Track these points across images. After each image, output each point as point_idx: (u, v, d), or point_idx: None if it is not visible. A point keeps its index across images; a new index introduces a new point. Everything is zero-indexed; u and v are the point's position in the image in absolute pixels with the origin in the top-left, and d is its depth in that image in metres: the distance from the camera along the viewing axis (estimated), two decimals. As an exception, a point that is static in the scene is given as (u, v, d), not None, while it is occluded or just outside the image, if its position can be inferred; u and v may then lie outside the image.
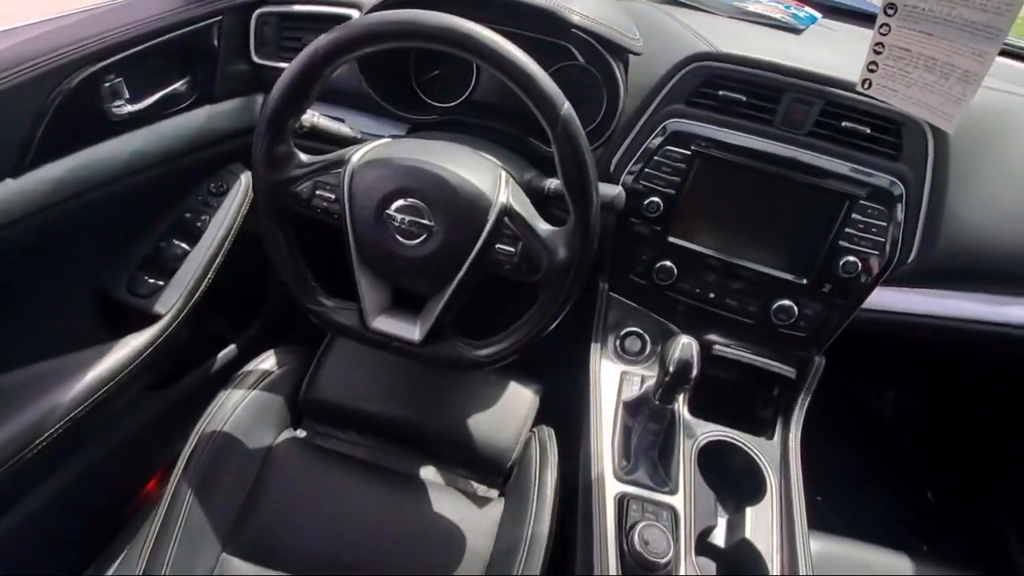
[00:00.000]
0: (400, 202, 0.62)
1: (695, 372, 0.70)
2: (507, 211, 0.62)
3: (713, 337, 0.86)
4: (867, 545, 0.85)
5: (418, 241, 0.63)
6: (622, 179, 0.82)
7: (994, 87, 0.79)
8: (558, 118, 0.56)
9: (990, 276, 0.76)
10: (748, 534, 0.70)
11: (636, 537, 0.63)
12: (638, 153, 0.81)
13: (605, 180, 0.83)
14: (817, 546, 0.82)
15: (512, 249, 0.63)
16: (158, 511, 0.77)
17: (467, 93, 0.94)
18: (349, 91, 0.91)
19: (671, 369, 0.70)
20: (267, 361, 0.95)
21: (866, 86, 0.65)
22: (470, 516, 0.82)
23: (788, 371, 0.82)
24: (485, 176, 0.64)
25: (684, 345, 0.70)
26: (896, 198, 0.73)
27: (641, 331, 0.89)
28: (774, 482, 0.76)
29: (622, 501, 0.69)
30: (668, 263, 0.83)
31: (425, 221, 0.62)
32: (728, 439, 0.80)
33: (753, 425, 0.84)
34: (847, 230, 0.75)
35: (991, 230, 0.74)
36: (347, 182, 0.64)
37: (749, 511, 0.72)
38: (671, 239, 0.82)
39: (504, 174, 0.66)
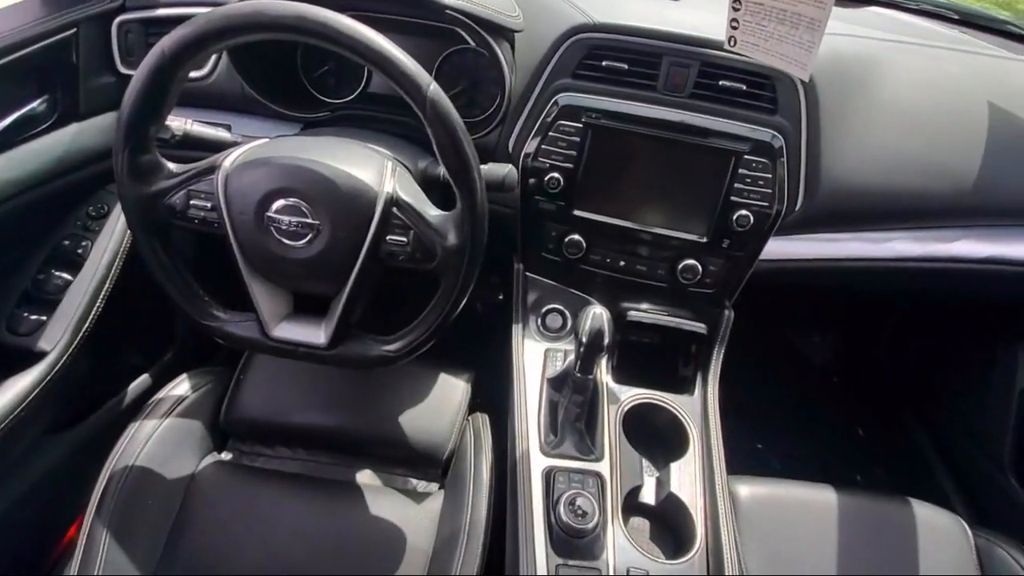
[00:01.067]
0: (280, 203, 0.60)
1: (607, 340, 0.71)
2: (395, 201, 0.61)
3: (628, 304, 0.88)
4: (793, 482, 0.89)
5: (304, 241, 0.61)
6: (521, 157, 0.82)
7: (856, 34, 0.83)
8: (424, 99, 0.55)
9: (869, 215, 0.81)
10: (674, 488, 0.72)
11: (562, 507, 0.64)
12: (533, 130, 0.81)
13: (506, 161, 0.83)
14: (746, 490, 0.86)
15: (404, 239, 0.61)
16: (74, 559, 0.73)
17: (361, 86, 0.92)
18: (233, 95, 0.87)
19: (584, 340, 0.71)
20: (180, 386, 0.91)
21: (732, 44, 0.67)
22: (409, 514, 0.81)
23: (700, 327, 0.85)
24: (369, 168, 0.62)
25: (595, 315, 0.71)
26: (777, 150, 0.76)
27: (561, 307, 0.90)
28: (696, 435, 0.78)
29: (549, 475, 0.70)
30: (576, 236, 0.84)
31: (309, 220, 0.60)
32: (652, 401, 0.82)
33: (676, 384, 0.87)
34: (736, 185, 0.77)
35: (865, 172, 0.78)
36: (222, 188, 0.61)
37: (674, 466, 0.75)
38: (576, 212, 0.83)
39: (391, 164, 0.65)
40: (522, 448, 0.72)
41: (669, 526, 0.72)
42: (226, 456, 0.90)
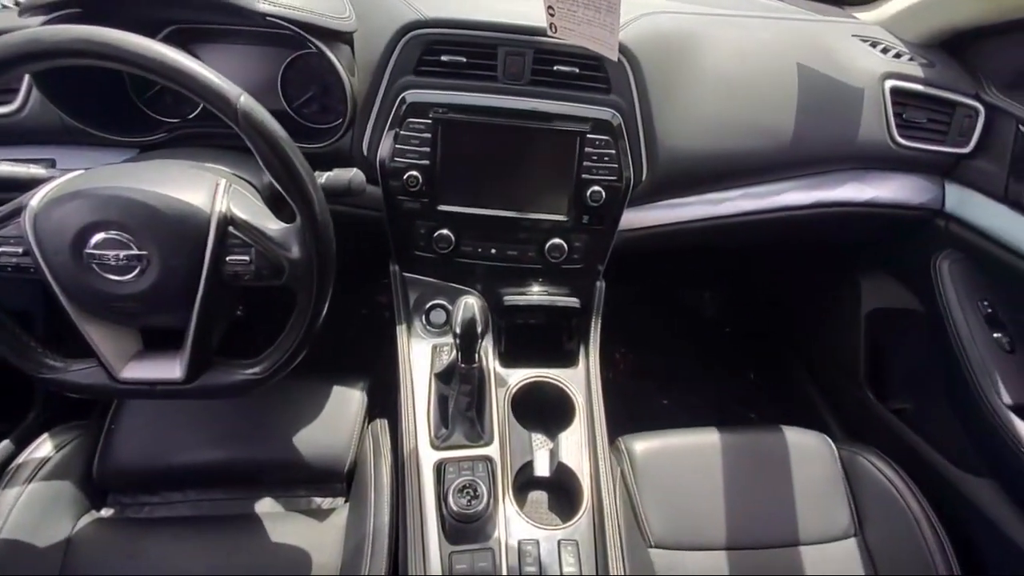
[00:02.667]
0: (99, 237, 0.56)
1: (481, 328, 0.73)
2: (229, 220, 0.59)
3: (506, 289, 0.90)
4: (680, 431, 0.96)
5: (134, 275, 0.57)
6: (378, 159, 0.82)
7: (676, 11, 0.89)
8: (236, 111, 0.53)
9: (706, 178, 0.88)
10: (563, 457, 0.76)
11: (451, 496, 0.66)
12: (385, 131, 0.81)
13: (363, 165, 0.82)
14: (641, 446, 0.92)
15: (246, 257, 0.60)
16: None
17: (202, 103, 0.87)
18: (52, 127, 0.80)
19: (458, 331, 0.72)
20: (43, 447, 0.83)
21: (553, 30, 0.70)
22: (314, 533, 0.79)
23: (573, 302, 0.89)
24: (197, 189, 0.60)
25: (465, 306, 0.73)
26: (617, 127, 0.81)
27: (444, 302, 0.91)
28: (581, 403, 0.83)
29: (440, 467, 0.71)
30: (445, 231, 0.85)
31: (135, 251, 0.57)
32: (539, 378, 0.86)
33: (562, 359, 0.91)
34: (585, 163, 0.81)
35: (695, 138, 0.85)
36: (31, 229, 0.56)
37: (562, 436, 0.79)
38: (441, 208, 0.84)
39: (224, 182, 0.62)
40: (410, 447, 0.73)
41: (563, 494, 0.76)
42: (107, 512, 0.84)
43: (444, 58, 0.78)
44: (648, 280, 1.77)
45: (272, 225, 0.60)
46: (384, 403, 0.97)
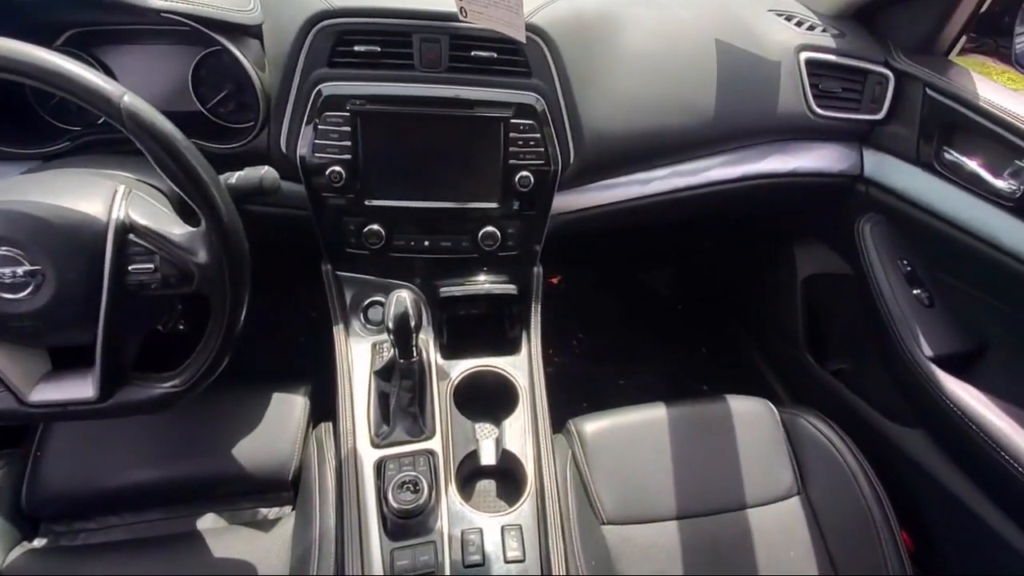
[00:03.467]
0: (-14, 255, 0.53)
1: (415, 321, 0.72)
2: (129, 227, 0.56)
3: (443, 281, 0.90)
4: (629, 408, 0.97)
5: (28, 292, 0.54)
6: (298, 156, 0.79)
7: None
8: (120, 112, 0.51)
9: (633, 158, 0.89)
10: (507, 444, 0.76)
11: (391, 493, 0.65)
12: (302, 126, 0.79)
13: (283, 163, 0.80)
14: (591, 426, 0.93)
15: (150, 265, 0.57)
16: None
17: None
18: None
19: (391, 326, 0.71)
20: (-42, 482, 0.79)
21: (464, 15, 0.69)
22: (260, 545, 0.77)
23: (511, 289, 0.89)
24: (92, 197, 0.57)
25: (397, 300, 0.72)
26: (540, 111, 0.81)
27: (381, 299, 0.89)
28: (524, 389, 0.83)
29: (380, 465, 0.70)
30: (375, 226, 0.83)
31: (27, 267, 0.54)
32: (482, 368, 0.85)
33: (506, 347, 0.90)
34: (511, 149, 0.81)
35: (619, 119, 0.86)
36: (-94, 254, 0.52)
37: (506, 423, 0.79)
38: (368, 203, 0.82)
39: (122, 188, 0.59)
40: (348, 447, 0.71)
41: (510, 480, 0.76)
42: (39, 543, 0.80)
43: (358, 48, 0.77)
44: (601, 263, 1.79)
45: (176, 230, 0.58)
46: (329, 406, 0.95)
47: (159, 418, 0.86)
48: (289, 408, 0.91)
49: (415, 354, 0.78)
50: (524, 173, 0.82)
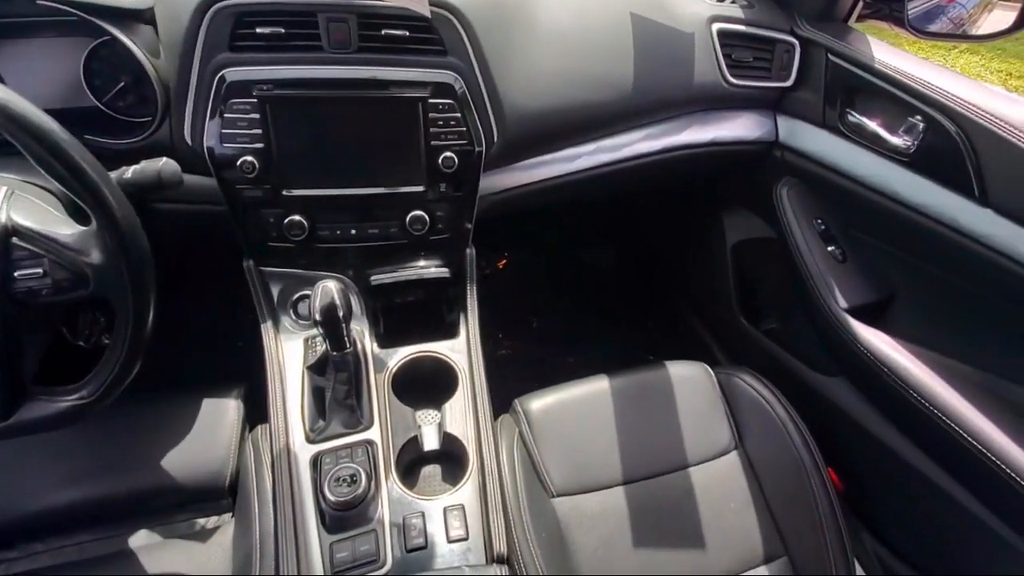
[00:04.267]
0: None
1: (343, 311, 0.70)
2: (11, 231, 0.52)
3: (374, 269, 0.88)
4: (573, 383, 0.99)
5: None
6: (205, 147, 0.75)
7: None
8: None
9: (557, 135, 0.90)
10: (448, 427, 0.76)
11: (327, 487, 0.64)
12: (207, 116, 0.75)
13: (190, 156, 0.76)
14: (536, 404, 0.94)
15: (39, 270, 0.53)
16: None
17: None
18: None
19: (318, 318, 0.69)
20: None
21: (368, -9, 0.67)
22: (197, 557, 0.74)
23: (443, 272, 0.88)
24: None
25: (323, 291, 0.70)
26: (459, 90, 0.80)
27: (309, 292, 0.86)
28: (464, 371, 0.83)
29: (316, 461, 0.69)
30: (296, 217, 0.80)
31: None
32: (421, 354, 0.84)
33: (445, 331, 0.90)
34: (432, 130, 0.80)
35: (539, 96, 0.86)
36: None
37: (447, 406, 0.78)
38: (286, 193, 0.79)
39: (3, 190, 0.55)
40: (280, 446, 0.69)
41: (454, 463, 0.76)
42: (-49, 581, 0.74)
43: (260, 30, 0.73)
44: (544, 245, 1.80)
45: (65, 231, 0.54)
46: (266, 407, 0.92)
47: (81, 434, 0.81)
48: (222, 412, 0.87)
49: (348, 345, 0.76)
50: (448, 154, 0.80)
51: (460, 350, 0.86)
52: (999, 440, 0.76)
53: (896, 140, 0.86)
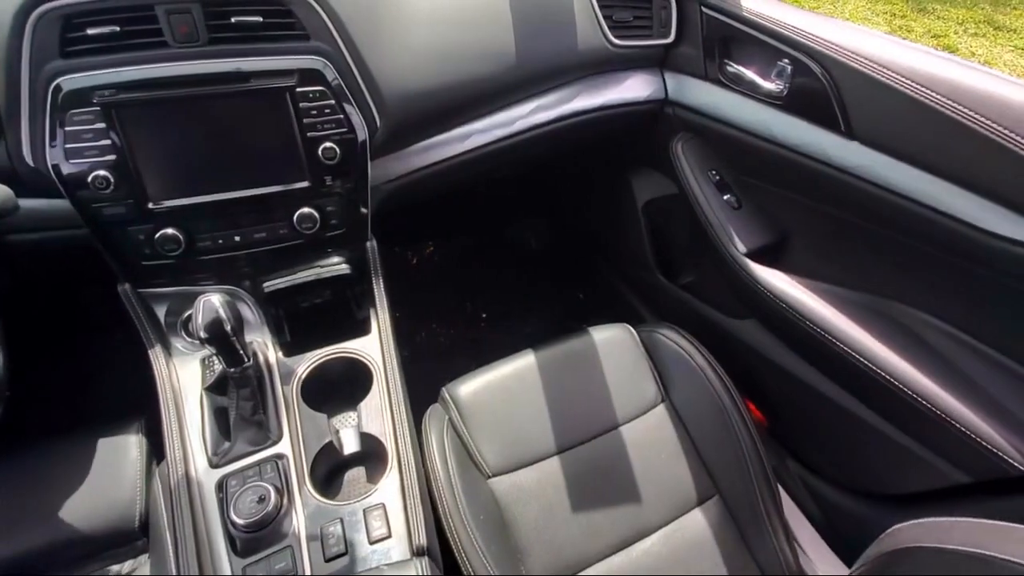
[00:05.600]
0: None
1: (231, 324, 0.66)
2: None
3: (268, 276, 0.83)
4: (499, 362, 0.99)
5: None
6: (50, 166, 0.68)
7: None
8: None
9: (445, 114, 0.87)
10: (365, 426, 0.73)
11: (233, 510, 0.60)
12: (47, 131, 0.67)
13: (33, 176, 0.68)
14: (464, 389, 0.93)
15: None
16: None
17: None
18: None
19: (203, 335, 0.65)
20: None
21: (202, -24, 0.62)
22: (111, 605, 0.69)
23: (343, 269, 0.85)
24: None
25: (204, 307, 0.65)
26: (329, 76, 0.75)
27: None
28: (378, 367, 0.80)
29: (221, 485, 0.65)
30: (169, 231, 0.74)
31: None
32: (331, 356, 0.81)
33: (357, 330, 0.87)
34: (306, 120, 0.75)
35: (419, 75, 0.83)
36: None
37: (362, 406, 0.76)
38: (153, 206, 0.73)
39: None
40: (179, 475, 0.65)
41: (377, 463, 0.74)
42: None
43: (92, 32, 0.66)
44: (466, 228, 1.78)
45: None
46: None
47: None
48: (123, 450, 0.81)
49: (247, 359, 0.72)
50: (327, 145, 0.76)
51: (373, 346, 0.83)
52: (888, 357, 0.81)
53: (770, 85, 0.89)
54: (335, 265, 0.85)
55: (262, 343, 0.79)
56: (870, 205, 0.80)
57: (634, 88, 1.05)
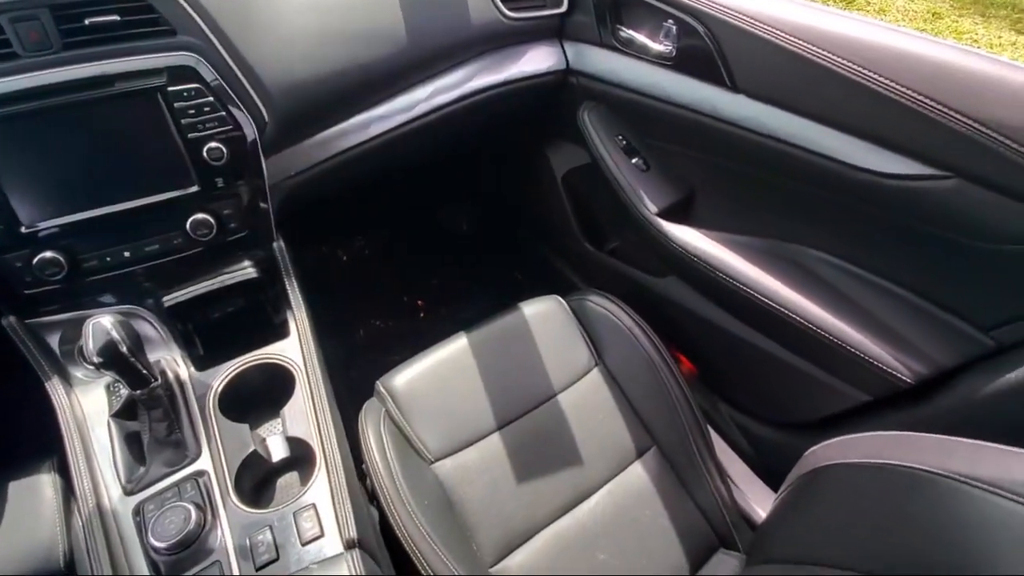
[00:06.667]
0: None
1: (126, 345, 0.63)
2: None
3: (171, 289, 0.79)
4: (433, 348, 0.98)
5: None
6: None
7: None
8: None
9: (339, 103, 0.85)
10: (290, 431, 0.72)
11: (152, 534, 0.58)
12: None
13: None
14: (400, 381, 0.93)
15: None
16: None
17: None
18: None
19: (97, 361, 0.61)
20: None
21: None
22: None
23: (249, 274, 0.82)
24: None
25: (93, 331, 0.61)
26: (202, 72, 0.71)
27: None
28: (300, 368, 0.78)
29: (139, 510, 0.62)
30: (48, 254, 0.69)
31: None
32: (249, 364, 0.79)
33: (276, 332, 0.84)
34: (184, 121, 0.71)
35: (307, 63, 0.80)
36: None
37: (285, 411, 0.74)
38: (25, 230, 0.68)
39: None
40: (89, 507, 0.62)
41: (307, 466, 0.73)
42: None
43: None
44: (399, 218, 1.75)
45: None
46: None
47: None
48: (36, 491, 0.76)
49: (154, 378, 0.69)
50: (212, 145, 0.73)
51: (293, 348, 0.81)
52: (789, 295, 0.87)
53: (659, 47, 0.92)
54: (241, 270, 0.81)
55: (171, 360, 0.76)
56: (759, 154, 0.84)
57: (534, 61, 1.05)
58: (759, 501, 0.96)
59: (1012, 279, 0.64)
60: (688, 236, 0.98)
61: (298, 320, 0.82)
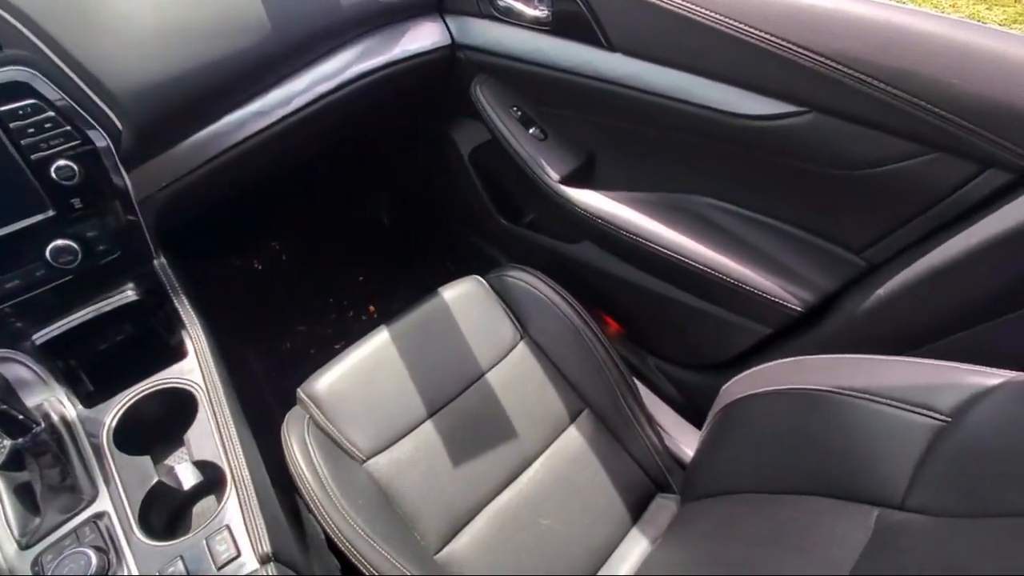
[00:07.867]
0: None
1: None
2: None
3: (42, 326, 0.73)
4: (354, 346, 0.96)
5: None
6: None
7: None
8: None
9: (203, 101, 0.79)
10: (196, 455, 0.68)
11: (48, 588, 0.54)
12: None
13: None
14: (322, 386, 0.90)
15: None
16: None
17: None
18: None
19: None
20: None
21: None
22: None
23: (126, 298, 0.76)
24: None
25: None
26: (36, 86, 0.65)
27: None
28: (200, 389, 0.74)
29: (36, 563, 0.58)
30: None
31: None
32: (144, 394, 0.74)
33: (171, 356, 0.79)
34: (24, 142, 0.64)
35: (152, 64, 0.74)
36: None
37: (189, 435, 0.70)
38: None
39: None
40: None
41: (220, 487, 0.69)
42: None
43: None
44: (311, 218, 1.68)
45: None
46: None
47: None
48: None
49: (36, 423, 0.63)
50: (61, 163, 0.66)
51: (192, 368, 0.76)
52: (688, 244, 0.90)
53: (536, 12, 0.91)
54: (120, 295, 0.76)
55: (55, 401, 0.70)
56: (643, 110, 0.86)
57: (417, 38, 1.02)
58: (689, 443, 1.01)
59: (870, 202, 0.69)
60: (591, 199, 0.99)
61: (193, 337, 0.78)
